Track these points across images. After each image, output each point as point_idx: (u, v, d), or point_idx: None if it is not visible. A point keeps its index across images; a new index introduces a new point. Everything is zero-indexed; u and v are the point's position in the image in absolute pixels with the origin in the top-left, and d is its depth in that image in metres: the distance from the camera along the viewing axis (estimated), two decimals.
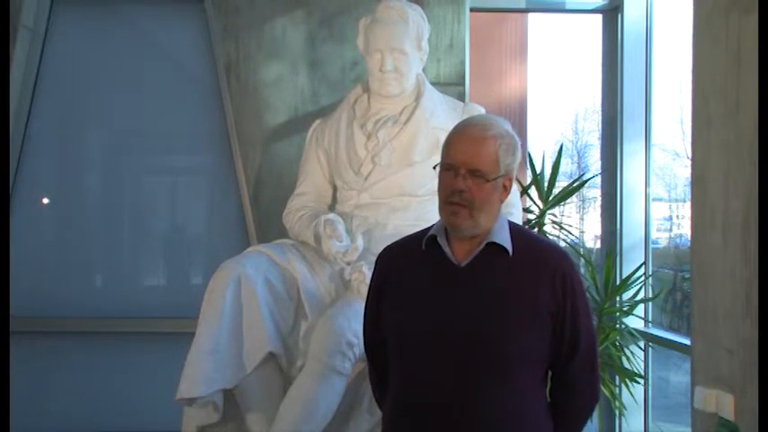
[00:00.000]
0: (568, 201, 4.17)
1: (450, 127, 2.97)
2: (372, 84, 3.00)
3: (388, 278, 1.91)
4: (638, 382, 3.80)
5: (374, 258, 2.76)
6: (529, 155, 4.18)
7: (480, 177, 1.76)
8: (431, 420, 1.75)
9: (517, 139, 1.84)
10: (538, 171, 3.99)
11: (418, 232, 1.96)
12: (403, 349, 1.83)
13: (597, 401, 1.92)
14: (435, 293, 1.80)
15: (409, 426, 1.78)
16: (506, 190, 1.83)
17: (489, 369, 1.74)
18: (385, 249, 2.00)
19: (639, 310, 4.07)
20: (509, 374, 1.75)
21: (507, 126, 1.84)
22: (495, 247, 1.80)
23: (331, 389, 2.50)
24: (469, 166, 1.76)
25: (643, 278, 3.93)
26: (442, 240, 1.82)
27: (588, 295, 2.29)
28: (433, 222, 2.89)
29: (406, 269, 1.87)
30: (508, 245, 1.80)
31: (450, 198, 1.77)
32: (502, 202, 1.83)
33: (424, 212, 2.94)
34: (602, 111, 4.59)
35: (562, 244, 3.90)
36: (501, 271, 1.79)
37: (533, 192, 4.02)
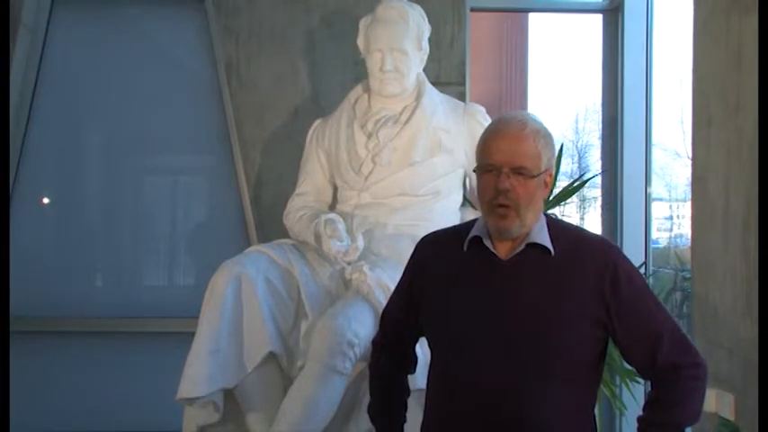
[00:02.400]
0: (569, 200, 4.16)
1: (451, 127, 3.03)
2: (373, 84, 3.00)
3: (425, 270, 1.88)
4: (639, 382, 3.80)
5: (375, 258, 2.80)
6: None
7: (524, 175, 1.72)
8: (474, 418, 1.73)
9: (551, 132, 1.80)
10: None
11: (457, 228, 1.93)
12: (445, 348, 1.82)
13: (707, 370, 1.77)
14: (478, 292, 1.77)
15: (453, 424, 1.77)
16: (547, 186, 1.80)
17: (528, 368, 1.71)
18: (426, 239, 1.97)
19: None
20: (548, 375, 1.71)
21: (540, 120, 1.80)
22: (536, 248, 1.77)
23: (331, 389, 2.50)
24: (512, 164, 1.72)
25: None
26: (487, 241, 1.79)
27: None
28: (434, 222, 2.92)
29: (447, 266, 1.84)
30: (549, 245, 1.77)
31: (495, 200, 1.73)
32: (544, 199, 1.80)
33: (424, 212, 2.94)
34: (603, 111, 4.59)
35: None
36: (542, 271, 1.75)
37: None
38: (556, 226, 1.83)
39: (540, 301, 1.73)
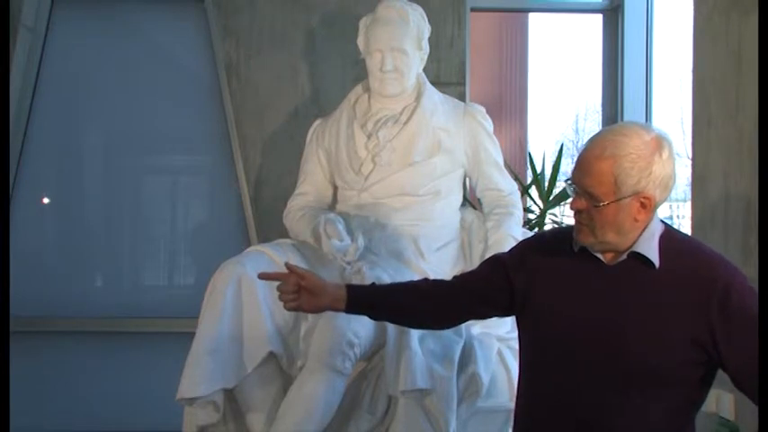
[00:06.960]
0: (569, 200, 4.16)
1: (451, 127, 3.03)
2: (373, 83, 3.00)
3: (533, 269, 1.84)
4: None
5: (375, 258, 2.80)
6: (529, 155, 4.19)
7: (592, 199, 1.67)
8: (558, 419, 1.72)
9: (655, 149, 1.68)
10: (538, 171, 4.00)
11: (568, 229, 1.88)
12: (536, 347, 1.80)
13: None
14: (577, 296, 1.73)
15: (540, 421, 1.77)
16: (645, 207, 1.68)
17: (600, 378, 1.68)
18: (533, 239, 1.99)
19: None
20: (622, 389, 1.66)
21: (646, 136, 1.68)
22: (639, 258, 1.69)
23: (331, 389, 2.50)
24: (582, 188, 1.69)
25: None
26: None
27: None
28: (434, 222, 2.92)
29: (557, 267, 1.80)
30: (653, 257, 1.68)
31: (574, 215, 1.73)
32: (641, 220, 1.68)
33: (424, 212, 2.94)
34: (603, 111, 4.59)
35: None
36: (640, 282, 1.68)
37: (534, 191, 4.03)
38: (671, 237, 1.73)
39: (622, 313, 1.67)
